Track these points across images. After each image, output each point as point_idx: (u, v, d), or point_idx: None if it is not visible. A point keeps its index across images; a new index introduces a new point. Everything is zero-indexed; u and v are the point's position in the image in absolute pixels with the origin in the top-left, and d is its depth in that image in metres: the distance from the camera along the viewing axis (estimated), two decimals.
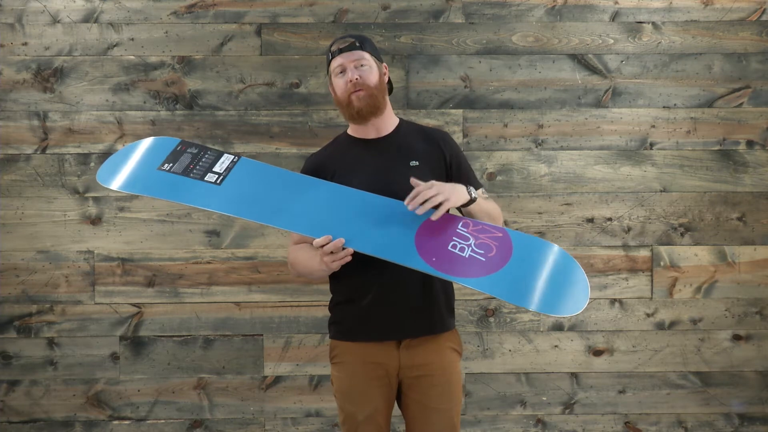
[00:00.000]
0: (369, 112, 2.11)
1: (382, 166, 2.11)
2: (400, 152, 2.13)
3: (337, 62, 2.12)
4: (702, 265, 3.10)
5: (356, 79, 2.08)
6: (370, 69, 2.11)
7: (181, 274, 3.06)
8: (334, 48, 2.12)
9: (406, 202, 1.93)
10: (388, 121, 2.18)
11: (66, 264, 3.05)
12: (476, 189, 2.11)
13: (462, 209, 2.07)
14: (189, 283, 3.06)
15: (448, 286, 2.18)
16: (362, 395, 2.11)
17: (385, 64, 2.19)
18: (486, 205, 2.12)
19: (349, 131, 2.22)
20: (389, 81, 2.22)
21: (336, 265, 1.97)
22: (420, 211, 1.92)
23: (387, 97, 2.17)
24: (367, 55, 2.12)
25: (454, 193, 1.98)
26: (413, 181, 1.96)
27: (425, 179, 2.00)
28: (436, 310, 2.12)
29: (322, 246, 1.94)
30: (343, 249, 1.94)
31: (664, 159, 3.10)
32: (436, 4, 3.07)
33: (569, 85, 3.09)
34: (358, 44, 2.11)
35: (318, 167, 2.16)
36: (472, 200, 2.03)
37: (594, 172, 3.08)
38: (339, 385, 2.16)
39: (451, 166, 2.15)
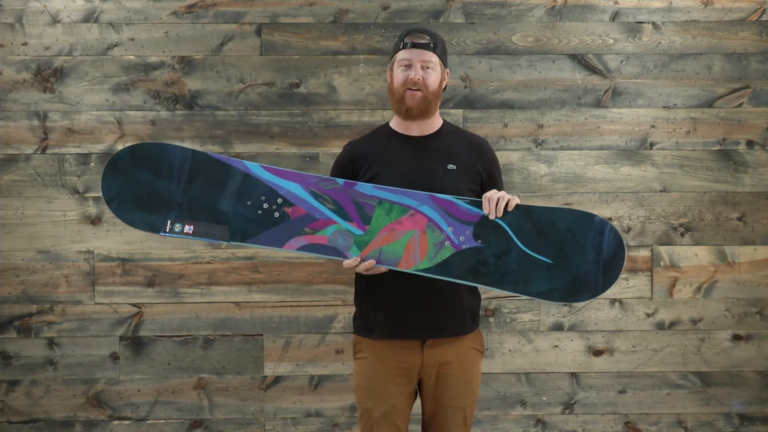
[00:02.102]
0: (418, 113, 2.13)
1: (420, 164, 2.12)
2: (440, 154, 2.15)
3: (405, 54, 2.12)
4: (702, 265, 3.10)
5: (419, 79, 2.10)
6: (433, 72, 2.12)
7: (181, 274, 3.06)
8: (407, 39, 2.12)
9: (490, 217, 2.02)
10: (434, 122, 2.20)
11: (66, 264, 3.05)
12: None
13: None
14: (189, 283, 3.06)
15: (475, 288, 2.20)
16: (381, 392, 2.13)
17: (447, 70, 2.20)
18: None
19: (392, 125, 2.22)
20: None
21: (370, 273, 2.06)
22: (499, 214, 2.01)
23: (438, 102, 2.18)
24: (435, 59, 2.13)
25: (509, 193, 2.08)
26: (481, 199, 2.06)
27: (459, 184, 2.09)
28: (462, 313, 2.15)
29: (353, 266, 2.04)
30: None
31: (664, 159, 3.10)
32: (436, 4, 3.07)
33: (569, 85, 3.09)
34: (432, 45, 2.12)
35: (357, 155, 2.17)
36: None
37: (594, 172, 3.08)
38: (359, 380, 2.17)
39: (484, 180, 2.19)
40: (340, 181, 2.07)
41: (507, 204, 2.02)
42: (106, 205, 3.01)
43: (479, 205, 2.03)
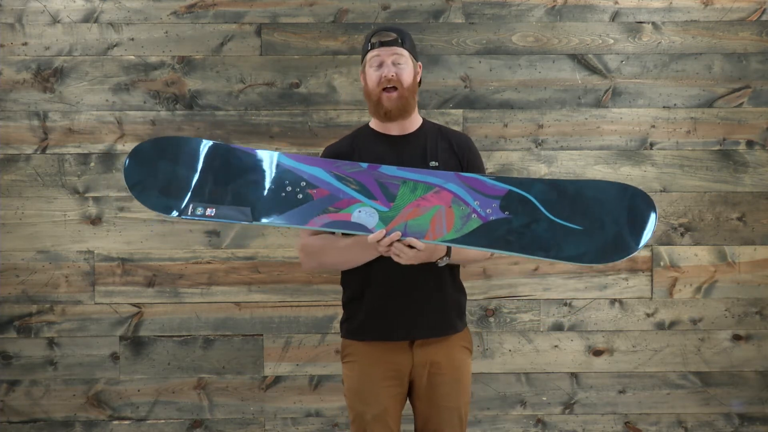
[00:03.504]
0: (398, 114, 2.12)
1: (403, 162, 2.12)
2: (422, 151, 2.15)
3: (375, 53, 2.11)
4: (702, 265, 3.10)
5: (392, 75, 2.08)
6: (406, 67, 2.11)
7: (181, 274, 3.06)
8: (374, 39, 2.11)
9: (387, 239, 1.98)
10: (413, 121, 2.19)
11: (66, 264, 3.05)
12: None
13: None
14: (189, 283, 3.06)
15: (460, 286, 2.20)
16: (372, 395, 2.12)
17: (419, 63, 2.19)
18: (463, 255, 2.13)
19: (372, 125, 2.22)
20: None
21: (393, 252, 1.98)
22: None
23: (416, 98, 2.17)
24: (406, 53, 2.12)
25: (417, 260, 2.01)
26: (412, 240, 1.97)
27: None
28: (448, 312, 2.15)
29: (378, 241, 1.95)
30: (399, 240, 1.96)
31: (664, 159, 3.10)
32: (436, 4, 3.07)
33: (569, 85, 3.09)
34: (400, 40, 2.11)
35: (341, 156, 2.16)
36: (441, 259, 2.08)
37: (594, 172, 3.08)
38: (349, 383, 2.16)
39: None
40: (364, 164, 2.07)
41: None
42: (106, 205, 3.04)
43: (505, 181, 2.04)
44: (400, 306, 2.09)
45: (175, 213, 2.03)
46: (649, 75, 3.09)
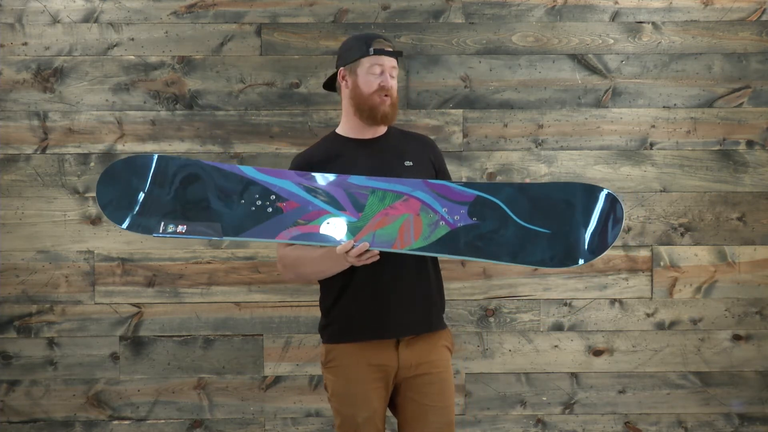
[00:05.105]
0: (391, 119, 2.18)
1: (379, 164, 2.14)
2: (395, 153, 2.19)
3: (376, 61, 2.13)
4: (702, 265, 3.10)
5: (392, 86, 2.14)
6: (394, 80, 2.17)
7: (181, 274, 3.06)
8: (377, 46, 2.14)
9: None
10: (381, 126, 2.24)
11: (66, 264, 3.05)
12: None
13: None
14: (189, 283, 3.06)
15: (441, 283, 2.22)
16: (361, 397, 2.11)
17: None
18: None
19: (340, 131, 2.24)
20: None
21: (363, 262, 2.00)
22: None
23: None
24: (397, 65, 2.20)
25: None
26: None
27: (419, 178, 2.11)
28: (433, 306, 2.17)
29: (347, 252, 1.97)
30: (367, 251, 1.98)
31: (664, 159, 3.10)
32: (436, 4, 3.07)
33: (569, 85, 3.09)
34: (397, 53, 2.17)
35: (315, 164, 2.16)
36: None
37: (594, 172, 3.08)
38: (335, 388, 2.15)
39: (437, 172, 2.24)
40: (332, 175, 2.09)
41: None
42: None
43: (473, 186, 2.05)
44: (386, 304, 2.09)
45: (147, 231, 2.05)
46: (649, 75, 3.09)
